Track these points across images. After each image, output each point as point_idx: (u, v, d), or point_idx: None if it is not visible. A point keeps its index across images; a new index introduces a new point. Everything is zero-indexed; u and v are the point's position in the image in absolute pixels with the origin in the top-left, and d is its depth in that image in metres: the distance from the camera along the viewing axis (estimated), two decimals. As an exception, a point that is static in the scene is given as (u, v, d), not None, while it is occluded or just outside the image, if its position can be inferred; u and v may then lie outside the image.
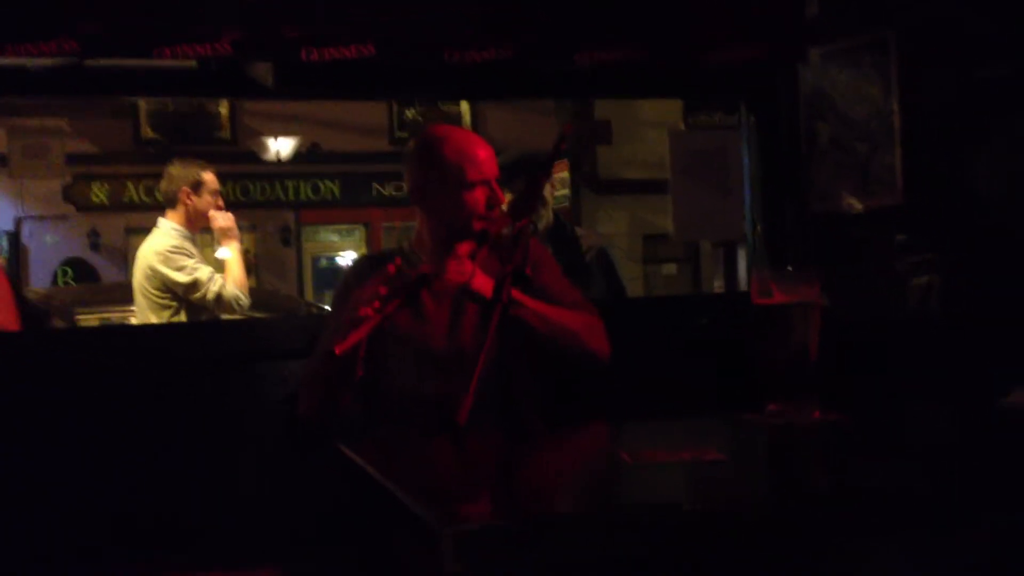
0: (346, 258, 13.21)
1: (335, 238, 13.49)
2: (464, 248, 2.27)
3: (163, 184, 3.91)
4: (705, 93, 4.43)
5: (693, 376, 2.99)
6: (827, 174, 3.76)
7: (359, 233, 13.28)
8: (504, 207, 2.32)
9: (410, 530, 1.38)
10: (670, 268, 12.45)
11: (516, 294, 2.19)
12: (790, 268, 1.81)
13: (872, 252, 3.49)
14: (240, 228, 4.05)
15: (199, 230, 3.92)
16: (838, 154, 3.74)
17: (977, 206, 3.13)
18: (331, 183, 12.83)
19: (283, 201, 12.70)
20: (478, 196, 2.28)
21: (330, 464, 2.09)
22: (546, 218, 3.64)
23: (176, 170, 3.89)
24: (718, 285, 6.32)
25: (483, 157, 2.30)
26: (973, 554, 1.34)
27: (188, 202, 3.82)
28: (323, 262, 13.32)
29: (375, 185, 12.75)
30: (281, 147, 11.88)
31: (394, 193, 12.51)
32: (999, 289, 2.96)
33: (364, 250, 12.72)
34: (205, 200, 3.85)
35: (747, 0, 3.62)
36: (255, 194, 12.48)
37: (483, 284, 2.19)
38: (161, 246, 3.78)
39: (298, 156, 12.07)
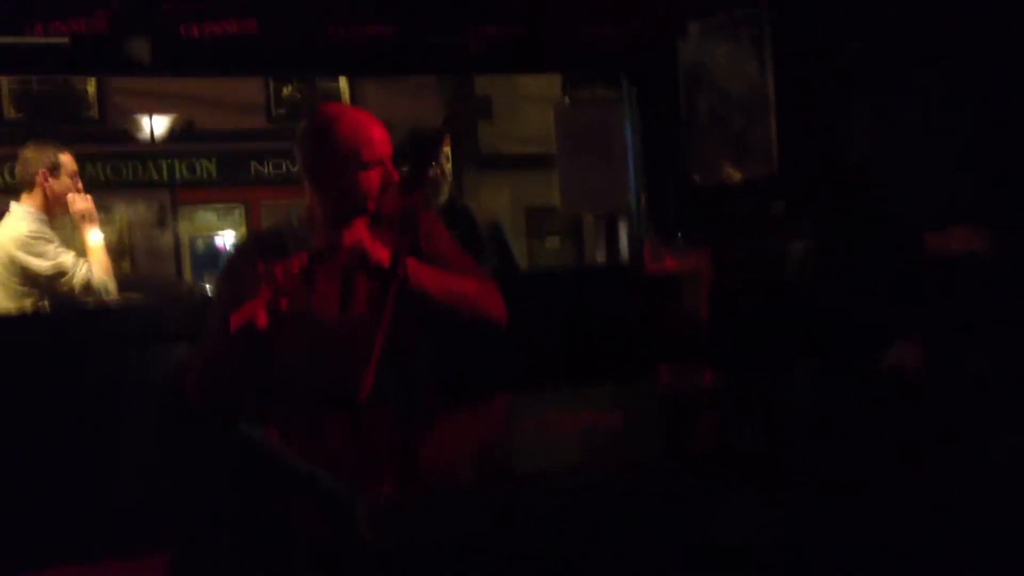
0: (225, 238, 12.93)
1: (213, 218, 13.19)
2: (358, 225, 2.27)
3: (18, 168, 3.73)
4: (587, 67, 4.48)
5: (585, 345, 3.06)
6: (706, 145, 3.86)
7: (238, 212, 13.01)
8: (397, 184, 2.32)
9: (316, 506, 1.39)
10: (553, 242, 12.58)
11: (412, 264, 2.21)
12: (680, 236, 1.86)
13: (750, 220, 3.61)
14: (112, 210, 3.92)
15: (58, 215, 3.76)
16: (716, 126, 3.84)
17: (849, 175, 3.26)
18: (207, 162, 12.52)
19: (157, 181, 12.34)
20: (372, 176, 2.27)
21: (221, 446, 2.07)
22: (446, 192, 3.65)
23: (31, 153, 3.72)
24: (600, 257, 6.41)
25: (377, 137, 2.29)
26: (847, 508, 1.41)
27: (46, 185, 3.67)
28: (200, 243, 13.01)
29: (253, 163, 12.50)
30: (156, 126, 11.52)
31: (273, 171, 12.29)
32: (872, 254, 3.09)
33: (244, 230, 12.47)
34: (63, 183, 3.71)
35: (626, -25, 3.68)
36: (127, 175, 12.09)
37: (380, 259, 2.19)
38: (19, 232, 3.58)
39: (172, 135, 11.73)
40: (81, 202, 3.73)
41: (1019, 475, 1.43)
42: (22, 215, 3.63)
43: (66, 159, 3.73)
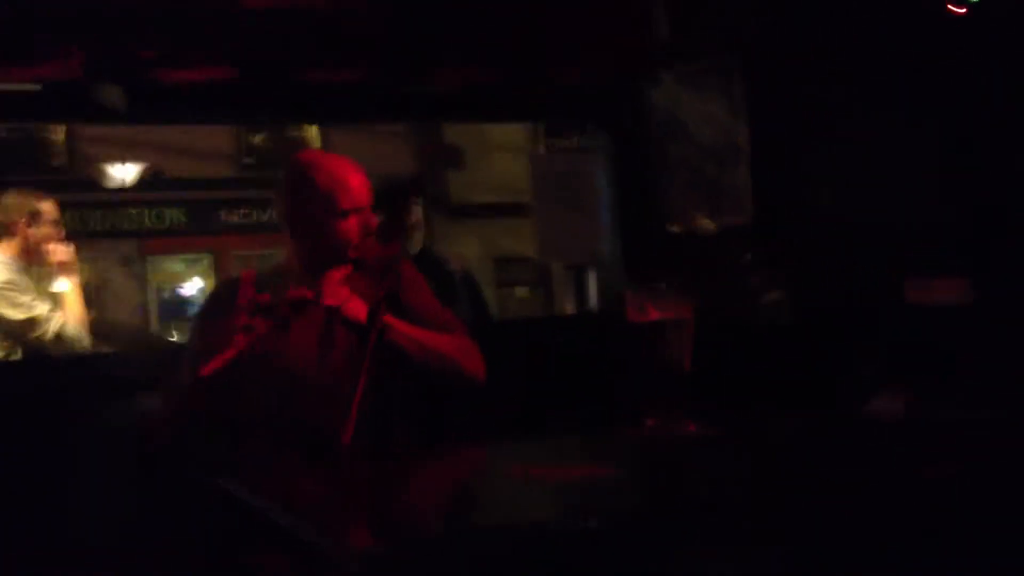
0: (192, 288, 12.82)
1: (181, 267, 13.08)
2: (336, 274, 2.24)
3: None
4: (559, 117, 4.51)
5: (557, 394, 3.03)
6: (680, 194, 3.87)
7: (207, 261, 12.92)
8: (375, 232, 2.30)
9: (294, 557, 1.35)
10: (523, 291, 12.59)
11: (390, 319, 2.18)
12: (663, 286, 1.85)
13: (725, 269, 3.62)
14: (81, 260, 3.87)
15: (36, 263, 3.71)
16: (689, 174, 3.86)
17: (822, 222, 3.28)
18: (176, 210, 12.45)
19: (125, 230, 12.24)
20: (351, 224, 2.25)
21: (191, 496, 2.02)
22: (419, 241, 3.63)
23: (12, 200, 3.69)
24: (569, 306, 6.42)
25: (356, 185, 2.27)
26: (834, 556, 1.39)
27: (25, 234, 3.63)
28: (167, 292, 12.90)
29: (223, 212, 12.44)
30: (124, 174, 11.45)
31: (243, 220, 12.23)
32: (846, 302, 3.10)
33: (212, 279, 12.37)
34: (44, 231, 3.67)
35: (598, 24, 3.71)
36: (95, 224, 11.98)
37: (357, 310, 2.17)
38: None
39: (140, 183, 11.66)
40: (62, 253, 3.69)
41: (997, 516, 1.42)
42: None
43: (47, 207, 3.69)
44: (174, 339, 5.72)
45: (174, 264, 13.05)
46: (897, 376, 2.04)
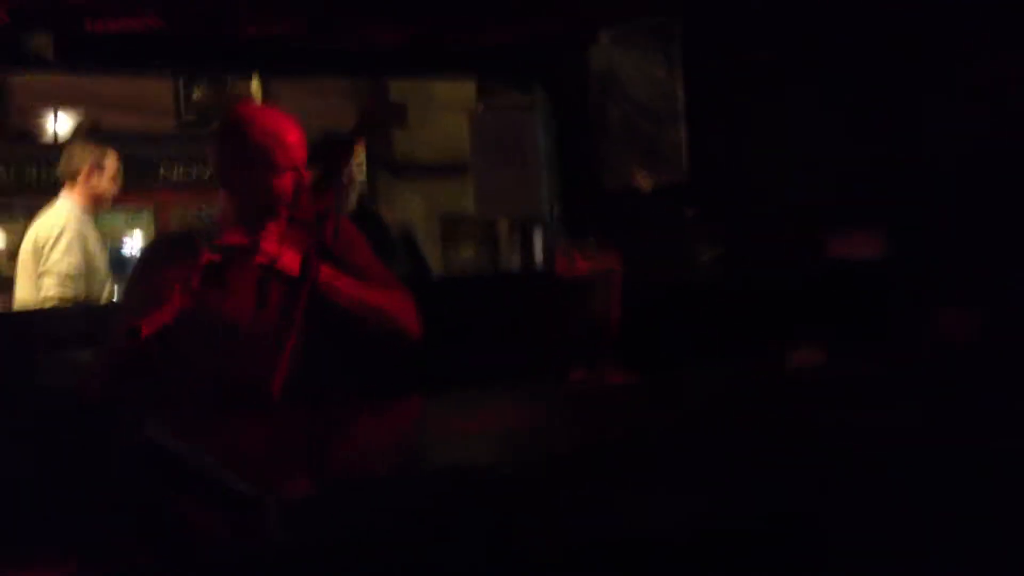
0: (134, 241, 12.62)
1: (121, 222, 12.86)
2: (271, 229, 2.24)
3: None
4: (499, 73, 4.50)
5: (500, 349, 3.07)
6: (618, 152, 3.91)
7: (147, 216, 12.72)
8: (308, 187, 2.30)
9: (224, 505, 1.37)
10: (468, 249, 12.57)
11: (326, 273, 2.19)
12: (592, 240, 1.88)
13: (662, 225, 3.67)
14: (15, 213, 3.87)
15: (90, 213, 3.73)
16: (627, 133, 3.89)
17: (755, 180, 3.34)
18: (114, 165, 12.20)
19: (62, 185, 11.97)
20: (285, 181, 2.24)
21: (121, 450, 2.02)
22: (355, 198, 3.61)
23: (78, 150, 3.76)
24: (515, 264, 6.45)
25: (292, 141, 2.25)
26: (756, 501, 1.44)
27: (87, 184, 3.68)
28: (111, 247, 12.67)
29: (162, 167, 12.23)
30: (59, 127, 11.19)
31: (182, 176, 12.05)
32: (778, 258, 3.16)
33: (153, 234, 12.18)
34: (104, 184, 3.74)
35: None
36: (30, 179, 11.72)
37: (291, 263, 2.17)
38: None
39: (77, 137, 11.40)
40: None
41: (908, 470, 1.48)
42: None
43: (111, 161, 3.67)
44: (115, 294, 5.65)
45: (113, 218, 12.83)
46: (818, 329, 2.10)
